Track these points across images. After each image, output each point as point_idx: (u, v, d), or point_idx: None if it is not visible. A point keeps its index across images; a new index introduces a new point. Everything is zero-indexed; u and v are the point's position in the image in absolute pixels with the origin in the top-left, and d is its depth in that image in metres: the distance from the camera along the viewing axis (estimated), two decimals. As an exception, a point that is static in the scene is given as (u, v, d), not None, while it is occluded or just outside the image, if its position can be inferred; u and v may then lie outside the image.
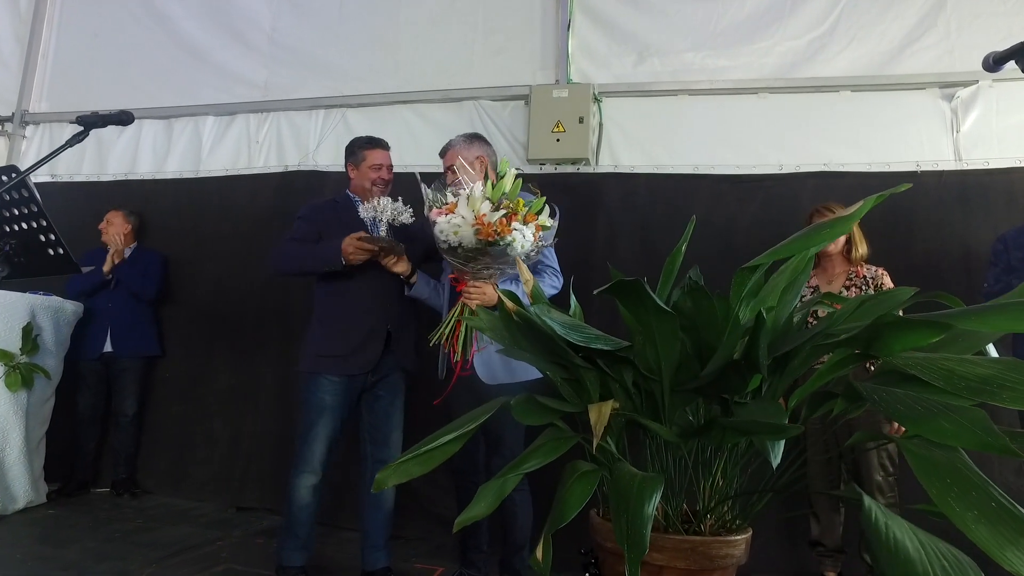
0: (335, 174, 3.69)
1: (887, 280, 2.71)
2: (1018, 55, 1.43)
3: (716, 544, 1.38)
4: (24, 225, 1.90)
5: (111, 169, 4.27)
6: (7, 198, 1.84)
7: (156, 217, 4.04)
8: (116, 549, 2.80)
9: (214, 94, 4.16)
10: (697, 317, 1.40)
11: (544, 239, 2.16)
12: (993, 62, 1.48)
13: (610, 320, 2.38)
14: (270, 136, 4.05)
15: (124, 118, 1.83)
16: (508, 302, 1.62)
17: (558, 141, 3.45)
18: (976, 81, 3.14)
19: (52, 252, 1.92)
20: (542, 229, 2.13)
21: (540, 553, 1.31)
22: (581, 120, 3.43)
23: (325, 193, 3.50)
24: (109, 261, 3.67)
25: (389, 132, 2.95)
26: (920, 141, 3.18)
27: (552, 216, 2.21)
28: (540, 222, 2.13)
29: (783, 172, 3.27)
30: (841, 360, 1.47)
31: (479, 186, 2.13)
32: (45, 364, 3.40)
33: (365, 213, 2.48)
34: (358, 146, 2.70)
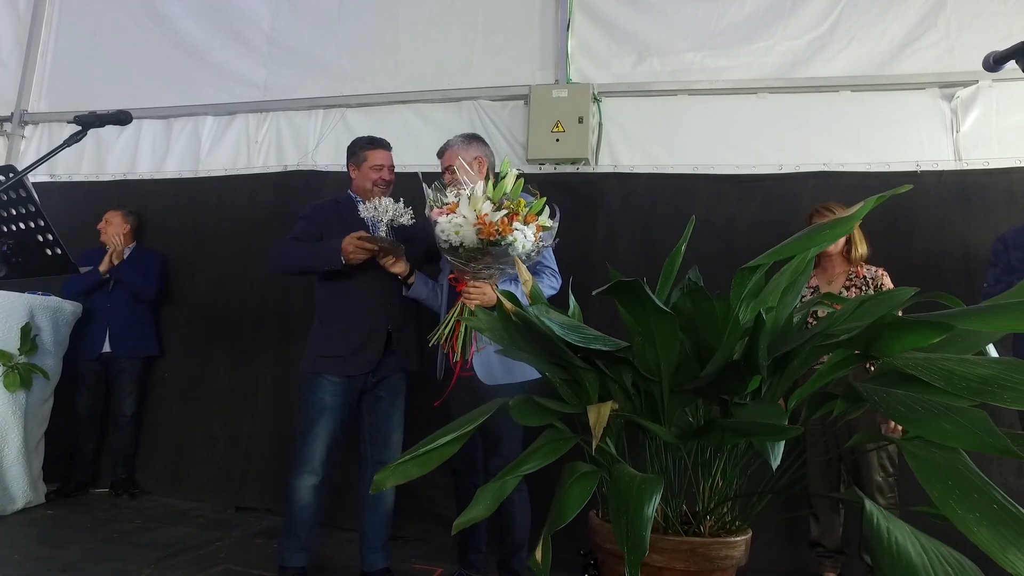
0: (334, 174, 3.68)
1: (887, 280, 2.71)
2: (1018, 55, 1.42)
3: (716, 545, 1.38)
4: (22, 225, 1.89)
5: (110, 169, 4.27)
6: (4, 198, 1.83)
7: (155, 217, 4.03)
8: (115, 549, 2.80)
9: (213, 94, 4.15)
10: (696, 318, 1.39)
11: (545, 239, 2.16)
12: (993, 62, 1.48)
13: (610, 321, 2.38)
14: (269, 136, 4.05)
15: (122, 118, 1.82)
16: (507, 303, 1.62)
17: (558, 141, 3.44)
18: (976, 81, 3.13)
19: (50, 252, 1.91)
20: (543, 229, 2.13)
21: (539, 554, 1.31)
22: (581, 120, 3.42)
23: (324, 193, 3.49)
24: (107, 261, 3.66)
25: (389, 132, 2.94)
26: (920, 141, 3.18)
27: (552, 217, 2.21)
28: (541, 222, 2.12)
29: (783, 172, 3.26)
30: (841, 361, 1.46)
31: (480, 186, 2.13)
32: (44, 364, 3.39)
33: (365, 213, 2.48)
34: (360, 146, 2.70)
